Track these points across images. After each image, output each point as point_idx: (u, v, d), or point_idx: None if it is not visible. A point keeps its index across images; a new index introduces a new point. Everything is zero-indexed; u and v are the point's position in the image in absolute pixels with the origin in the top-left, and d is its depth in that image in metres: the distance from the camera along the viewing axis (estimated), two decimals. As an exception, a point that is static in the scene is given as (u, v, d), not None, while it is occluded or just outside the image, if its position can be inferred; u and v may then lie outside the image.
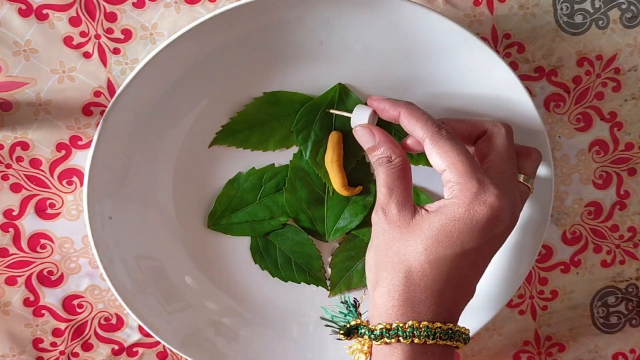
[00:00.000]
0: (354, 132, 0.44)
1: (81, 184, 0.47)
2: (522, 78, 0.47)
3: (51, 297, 0.49)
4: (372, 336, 0.38)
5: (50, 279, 0.49)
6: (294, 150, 0.48)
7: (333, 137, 0.47)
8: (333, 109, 0.46)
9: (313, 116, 0.47)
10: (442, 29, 0.43)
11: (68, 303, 0.49)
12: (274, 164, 0.48)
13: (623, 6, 0.49)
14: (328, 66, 0.46)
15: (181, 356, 0.50)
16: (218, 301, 0.50)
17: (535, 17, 0.48)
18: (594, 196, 0.52)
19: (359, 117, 0.44)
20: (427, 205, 0.40)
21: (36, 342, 0.50)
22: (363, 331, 0.39)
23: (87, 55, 0.46)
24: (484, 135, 0.43)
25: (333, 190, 0.48)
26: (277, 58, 0.45)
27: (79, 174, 0.47)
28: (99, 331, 0.50)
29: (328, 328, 0.41)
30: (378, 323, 0.38)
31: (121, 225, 0.46)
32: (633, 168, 0.52)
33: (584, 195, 0.52)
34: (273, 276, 0.50)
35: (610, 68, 0.50)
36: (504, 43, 0.48)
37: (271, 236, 0.49)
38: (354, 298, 0.41)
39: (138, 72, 0.42)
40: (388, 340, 0.38)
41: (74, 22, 0.45)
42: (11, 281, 0.48)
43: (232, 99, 0.46)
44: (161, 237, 0.48)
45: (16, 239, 0.48)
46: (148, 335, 0.50)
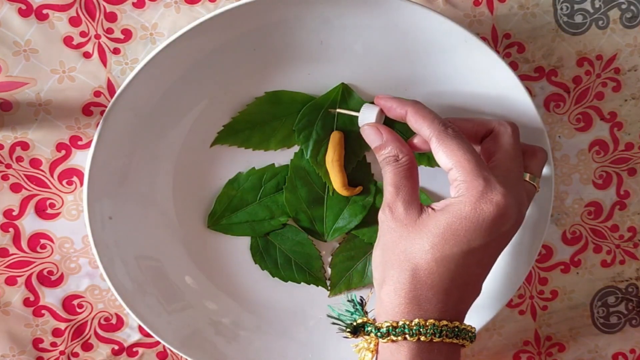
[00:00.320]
0: (361, 131, 0.44)
1: (81, 184, 0.47)
2: (522, 78, 0.47)
3: (51, 297, 0.49)
4: (379, 334, 0.38)
5: (50, 279, 0.49)
6: (295, 149, 0.48)
7: (334, 137, 0.47)
8: (339, 109, 0.46)
9: (315, 115, 0.47)
10: (442, 29, 0.43)
11: (68, 303, 0.49)
12: (274, 164, 0.48)
13: (623, 6, 0.49)
14: (328, 66, 0.46)
15: (181, 356, 0.50)
16: (218, 301, 0.50)
17: (535, 17, 0.48)
18: (594, 196, 0.52)
19: (367, 116, 0.44)
20: (434, 203, 0.40)
21: (36, 342, 0.50)
22: (369, 329, 0.39)
23: (87, 55, 0.46)
24: (491, 134, 0.43)
25: (333, 190, 0.48)
26: (277, 58, 0.45)
27: (79, 174, 0.47)
28: (99, 331, 0.50)
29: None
30: (384, 321, 0.38)
31: (121, 225, 0.46)
32: (633, 168, 0.52)
33: (584, 195, 0.52)
34: (273, 276, 0.50)
35: (610, 68, 0.50)
36: (504, 43, 0.48)
37: (271, 236, 0.49)
38: (361, 296, 0.41)
39: (138, 72, 0.42)
40: (394, 338, 0.38)
41: (74, 22, 0.45)
42: (11, 281, 0.48)
43: (232, 99, 0.46)
44: (161, 237, 0.48)
45: (16, 239, 0.48)
46: (148, 335, 0.50)
